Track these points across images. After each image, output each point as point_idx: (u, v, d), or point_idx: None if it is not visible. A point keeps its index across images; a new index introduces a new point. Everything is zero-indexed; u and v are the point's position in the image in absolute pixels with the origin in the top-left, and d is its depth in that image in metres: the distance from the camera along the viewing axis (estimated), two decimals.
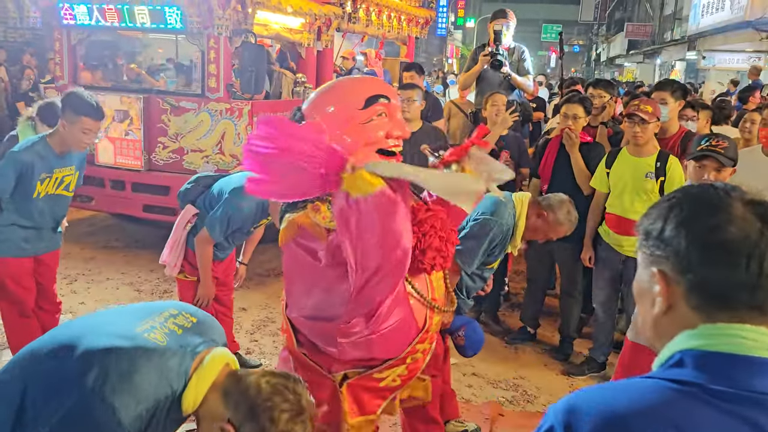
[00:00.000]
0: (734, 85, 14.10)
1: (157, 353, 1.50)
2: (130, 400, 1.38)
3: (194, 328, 1.68)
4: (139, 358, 1.46)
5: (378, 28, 8.28)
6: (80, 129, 3.22)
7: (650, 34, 28.69)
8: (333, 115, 1.87)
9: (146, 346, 1.50)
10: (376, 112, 1.89)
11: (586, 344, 4.46)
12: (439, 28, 41.69)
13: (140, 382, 1.42)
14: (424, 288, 2.04)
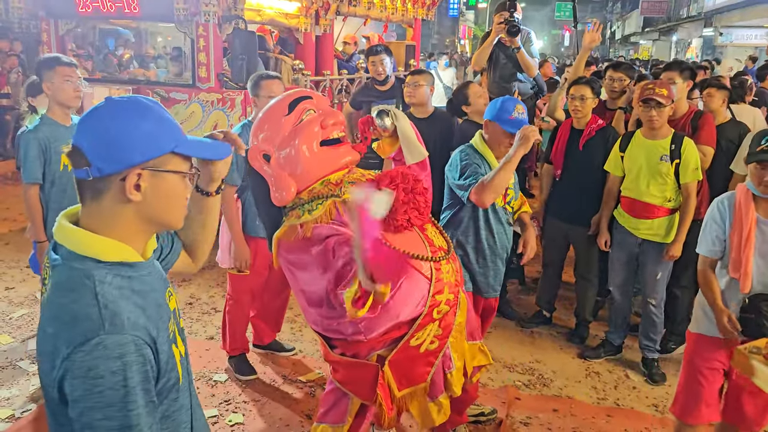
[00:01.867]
0: (753, 61, 13.67)
1: None
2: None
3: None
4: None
5: (381, 11, 7.99)
6: (60, 80, 3.28)
7: (665, 11, 28.01)
8: (269, 133, 2.09)
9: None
10: (302, 111, 2.08)
11: (602, 327, 4.47)
12: (451, 9, 41.13)
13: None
14: (419, 245, 2.09)
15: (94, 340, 1.14)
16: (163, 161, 1.27)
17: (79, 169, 1.24)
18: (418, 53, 10.05)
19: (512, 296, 5.03)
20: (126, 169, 1.23)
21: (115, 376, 1.13)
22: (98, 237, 1.26)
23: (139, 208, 1.27)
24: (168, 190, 1.29)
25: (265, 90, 3.47)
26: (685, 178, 3.63)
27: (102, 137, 1.23)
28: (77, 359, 1.13)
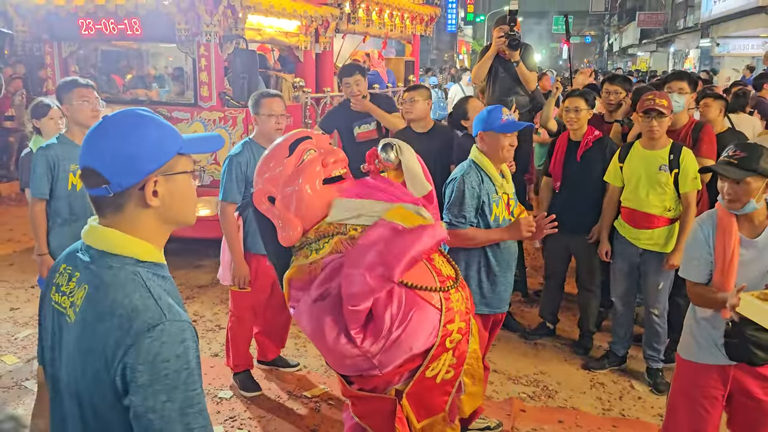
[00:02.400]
0: (750, 70, 13.72)
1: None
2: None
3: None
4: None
5: (380, 28, 8.08)
6: (79, 100, 3.41)
7: (662, 23, 28.21)
8: (272, 175, 2.15)
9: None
10: (303, 151, 2.13)
11: (606, 338, 4.48)
12: (449, 24, 41.46)
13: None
14: (426, 276, 2.10)
15: (159, 326, 1.23)
16: (173, 164, 1.35)
17: (96, 188, 1.32)
18: (417, 69, 10.15)
19: (515, 308, 5.03)
20: (143, 178, 1.32)
21: (179, 360, 1.23)
22: (134, 238, 1.34)
23: (158, 211, 1.35)
24: (181, 191, 1.38)
25: (265, 108, 3.50)
26: (684, 188, 3.66)
27: (115, 154, 1.31)
28: (144, 346, 1.21)
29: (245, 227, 3.64)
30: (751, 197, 2.42)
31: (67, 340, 1.33)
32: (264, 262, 3.64)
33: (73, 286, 1.33)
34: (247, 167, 3.49)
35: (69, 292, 1.34)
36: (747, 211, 2.45)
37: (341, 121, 4.86)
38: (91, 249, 1.34)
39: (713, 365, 2.58)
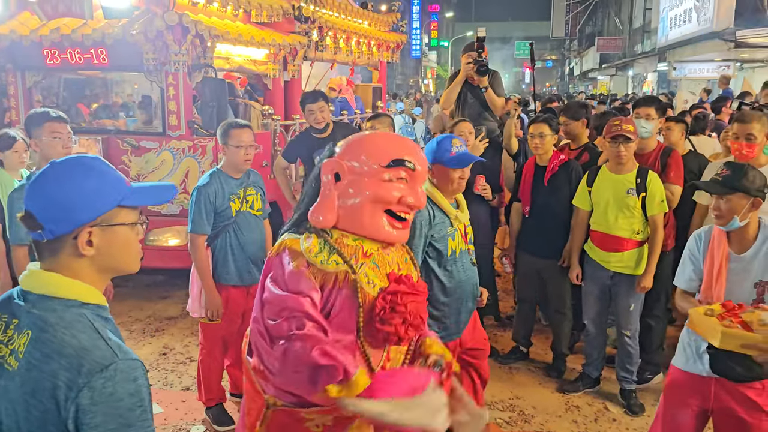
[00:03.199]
0: (707, 93, 14.17)
1: None
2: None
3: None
4: None
5: (347, 55, 8.16)
6: (49, 135, 3.25)
7: (621, 48, 29.05)
8: (359, 164, 1.95)
9: None
10: (398, 174, 1.94)
11: (579, 360, 4.48)
12: (414, 50, 42.11)
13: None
14: (376, 358, 1.99)
15: (111, 365, 1.23)
16: (112, 215, 1.35)
17: (33, 231, 1.33)
18: (384, 95, 10.25)
19: (489, 332, 5.03)
20: (76, 228, 1.32)
21: (132, 397, 1.24)
22: (75, 281, 1.33)
23: (94, 260, 1.35)
24: (120, 241, 1.37)
25: (234, 139, 3.48)
26: (651, 211, 3.74)
27: (49, 201, 1.31)
28: (98, 386, 1.21)
29: (214, 258, 3.60)
30: (735, 214, 2.53)
31: (7, 387, 1.28)
32: (234, 294, 3.61)
33: (11, 333, 1.30)
34: (215, 198, 3.46)
35: (7, 340, 1.30)
36: (732, 227, 2.56)
37: (303, 150, 4.84)
38: (30, 294, 1.32)
39: (695, 375, 2.65)
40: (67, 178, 1.33)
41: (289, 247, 1.95)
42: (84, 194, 1.32)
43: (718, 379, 2.54)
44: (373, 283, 1.94)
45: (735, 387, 2.53)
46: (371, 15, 9.04)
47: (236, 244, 3.58)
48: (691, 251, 2.73)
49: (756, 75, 16.36)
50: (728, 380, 2.50)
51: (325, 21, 7.18)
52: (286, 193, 5.09)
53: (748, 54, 15.19)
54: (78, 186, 1.32)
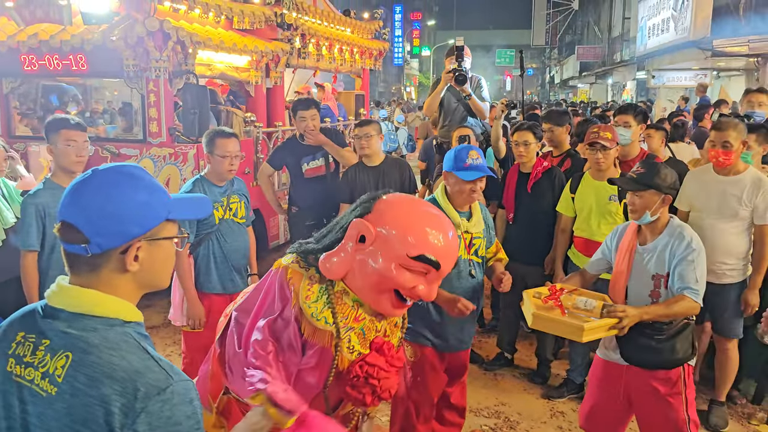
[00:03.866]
0: (685, 101, 14.37)
1: None
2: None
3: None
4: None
5: (330, 62, 8.15)
6: (64, 143, 3.19)
7: (600, 56, 29.40)
8: (389, 239, 1.87)
9: None
10: (419, 268, 1.86)
11: (564, 365, 4.49)
12: (396, 58, 42.30)
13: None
14: (333, 402, 2.06)
15: (168, 388, 1.16)
16: (159, 229, 1.28)
17: (74, 244, 1.22)
18: (367, 102, 10.25)
19: (473, 339, 5.02)
20: (126, 242, 1.23)
21: (189, 420, 1.18)
22: (115, 298, 1.25)
23: (135, 276, 1.27)
24: (163, 256, 1.31)
25: (220, 149, 3.45)
26: None
27: (99, 213, 1.22)
28: (155, 410, 1.13)
29: (196, 266, 3.55)
30: (647, 209, 2.75)
31: (44, 415, 1.19)
32: (216, 302, 3.56)
33: (42, 355, 1.20)
34: None
35: (38, 362, 1.20)
36: (644, 222, 2.79)
37: (289, 157, 4.82)
38: (62, 312, 1.22)
39: (612, 363, 2.85)
40: (116, 188, 1.23)
41: (290, 278, 1.96)
42: (136, 206, 1.24)
43: (629, 366, 2.75)
44: (353, 350, 1.96)
45: (642, 374, 2.74)
46: (354, 22, 9.05)
47: (219, 253, 3.55)
48: (605, 242, 2.99)
49: (732, 83, 16.66)
50: (636, 367, 2.74)
51: (307, 28, 7.18)
52: (271, 200, 5.04)
53: (724, 63, 15.46)
54: (129, 198, 1.23)
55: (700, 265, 2.71)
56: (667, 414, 2.74)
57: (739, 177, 3.67)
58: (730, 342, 3.83)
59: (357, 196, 4.28)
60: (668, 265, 2.74)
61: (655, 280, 2.76)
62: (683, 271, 2.68)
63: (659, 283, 2.76)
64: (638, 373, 2.76)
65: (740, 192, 3.63)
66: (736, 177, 3.67)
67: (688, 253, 2.69)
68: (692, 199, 3.85)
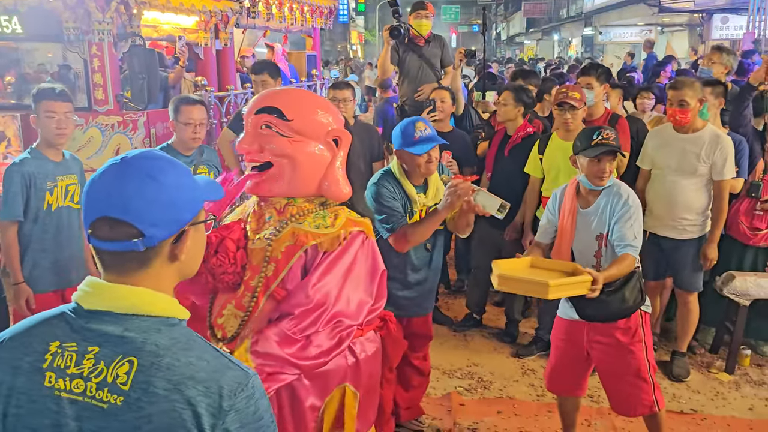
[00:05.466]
0: (631, 57, 14.59)
1: None
2: None
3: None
4: None
5: (280, 22, 7.85)
6: (44, 115, 3.12)
7: (546, 12, 29.50)
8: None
9: None
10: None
11: (531, 323, 4.58)
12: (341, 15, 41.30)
13: None
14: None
15: (249, 383, 1.13)
16: (201, 213, 1.23)
17: (124, 241, 1.11)
18: (319, 62, 9.99)
19: (441, 301, 5.05)
20: (179, 229, 1.17)
21: (267, 412, 1.16)
22: (167, 296, 1.18)
23: (181, 266, 1.21)
24: (201, 241, 1.26)
25: (184, 116, 3.35)
26: None
27: (154, 202, 1.12)
28: (242, 407, 1.10)
29: None
30: (612, 174, 2.85)
31: (106, 429, 1.08)
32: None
33: (91, 364, 1.08)
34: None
35: (88, 373, 1.08)
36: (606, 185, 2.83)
37: None
38: (106, 314, 1.11)
39: (572, 321, 2.94)
40: (165, 175, 1.15)
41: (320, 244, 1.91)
42: (186, 191, 1.17)
43: (591, 323, 2.86)
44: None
45: (603, 327, 2.83)
46: None
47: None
48: (548, 208, 3.05)
49: (675, 38, 16.98)
50: (595, 322, 2.84)
51: None
52: (232, 164, 4.84)
53: (668, 18, 15.71)
54: (180, 183, 1.17)
55: (638, 221, 2.80)
56: (629, 362, 2.84)
57: (697, 134, 3.74)
58: (691, 295, 3.94)
59: None
60: (608, 224, 2.81)
61: (598, 240, 2.85)
62: (622, 228, 2.75)
63: (602, 243, 2.85)
64: (599, 327, 2.85)
65: (699, 149, 3.70)
66: (695, 134, 3.74)
67: (625, 211, 2.77)
68: (654, 157, 3.91)
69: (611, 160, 2.81)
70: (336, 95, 4.20)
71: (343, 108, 4.16)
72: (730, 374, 4.02)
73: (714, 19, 13.84)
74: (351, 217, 1.91)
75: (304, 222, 1.86)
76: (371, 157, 4.13)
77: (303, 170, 1.85)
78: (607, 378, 2.96)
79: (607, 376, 2.96)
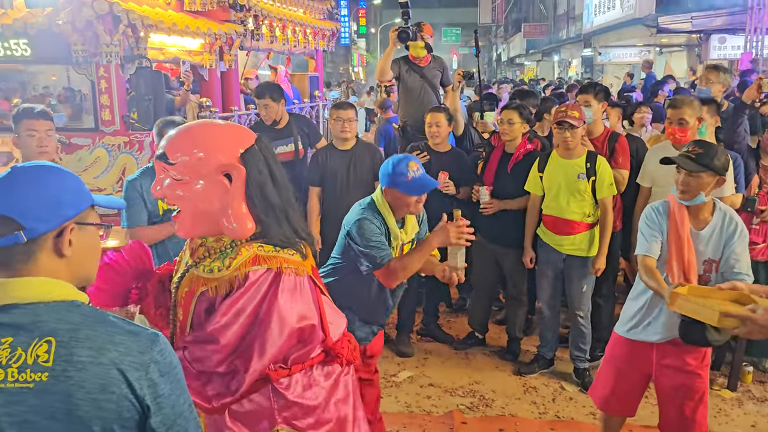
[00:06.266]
0: (630, 77, 14.71)
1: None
2: None
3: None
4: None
5: (283, 44, 7.98)
6: (26, 133, 3.11)
7: (546, 33, 29.77)
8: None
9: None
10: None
11: (533, 341, 4.57)
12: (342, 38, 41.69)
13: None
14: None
15: (159, 338, 1.29)
16: (86, 214, 1.33)
17: (8, 236, 1.22)
18: (321, 84, 10.11)
19: (442, 319, 5.07)
20: (61, 224, 1.27)
21: (179, 363, 1.33)
22: (67, 283, 1.29)
23: (69, 264, 1.30)
24: (91, 243, 1.35)
25: None
26: (601, 194, 3.83)
27: (37, 199, 1.24)
28: (159, 359, 1.26)
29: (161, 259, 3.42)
30: (702, 190, 2.67)
31: (39, 405, 1.18)
32: None
33: (7, 353, 1.18)
34: (145, 192, 3.23)
35: (6, 361, 1.18)
36: (697, 202, 2.70)
37: None
38: (13, 307, 1.21)
39: (638, 342, 2.85)
40: (49, 175, 1.29)
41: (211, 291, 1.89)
42: (68, 190, 1.29)
43: (659, 345, 2.78)
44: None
45: (674, 350, 2.76)
46: (306, 2, 8.88)
47: (161, 245, 3.30)
48: (650, 221, 2.81)
49: (674, 59, 17.14)
50: (671, 346, 2.75)
51: (260, 9, 6.99)
52: None
53: (667, 39, 15.88)
54: (60, 183, 1.29)
55: (747, 249, 2.72)
56: (695, 386, 2.78)
57: None
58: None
59: (327, 179, 4.30)
60: (720, 250, 2.70)
61: (706, 264, 2.74)
62: (739, 257, 2.66)
63: (710, 268, 2.74)
64: (669, 350, 2.77)
65: None
66: None
67: (741, 239, 2.68)
68: (654, 175, 3.95)
69: (695, 175, 2.66)
70: (340, 115, 4.25)
71: (348, 127, 4.23)
72: (732, 391, 4.03)
73: (712, 40, 13.97)
74: (261, 253, 1.77)
75: (200, 266, 1.81)
76: (373, 175, 4.17)
77: (195, 211, 1.77)
78: (669, 400, 2.87)
79: (669, 399, 2.86)
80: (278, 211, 1.80)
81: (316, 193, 4.37)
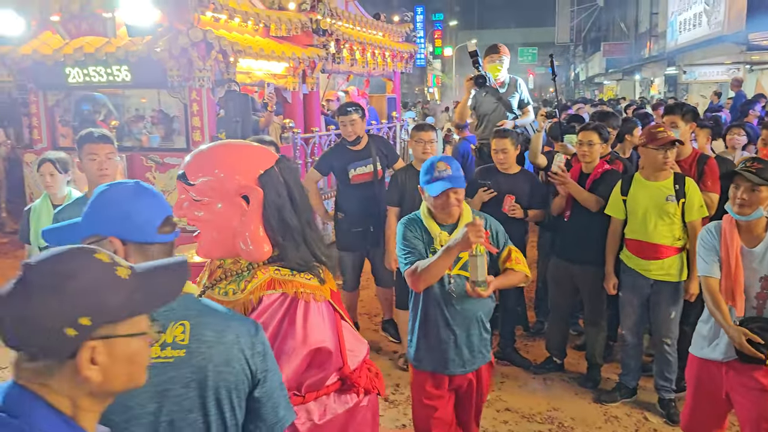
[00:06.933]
0: (717, 96, 14.11)
1: None
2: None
3: None
4: None
5: (363, 67, 8.18)
6: (87, 157, 3.21)
7: (626, 52, 29.04)
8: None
9: None
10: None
11: (613, 368, 4.44)
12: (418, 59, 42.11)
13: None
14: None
15: (260, 324, 1.55)
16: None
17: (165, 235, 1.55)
18: (399, 105, 10.26)
19: (520, 343, 4.99)
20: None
21: (268, 344, 1.56)
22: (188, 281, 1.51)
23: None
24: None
25: None
26: (691, 216, 3.70)
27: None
28: (264, 340, 1.52)
29: None
30: (761, 205, 2.70)
31: (177, 376, 1.41)
32: None
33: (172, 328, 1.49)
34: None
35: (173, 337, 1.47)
36: (754, 217, 2.72)
37: (337, 163, 4.81)
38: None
39: (709, 360, 2.86)
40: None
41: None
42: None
43: (728, 363, 2.77)
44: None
45: (744, 369, 2.72)
46: (384, 26, 9.07)
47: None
48: (705, 242, 2.89)
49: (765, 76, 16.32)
50: (741, 363, 2.72)
51: (341, 33, 7.20)
52: (318, 206, 4.99)
53: (758, 56, 15.15)
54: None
55: None
56: (767, 403, 2.75)
57: None
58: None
59: (406, 200, 4.35)
60: None
61: (763, 281, 2.74)
62: None
63: (767, 285, 2.74)
64: (739, 369, 2.76)
65: None
66: None
67: None
68: None
69: (758, 189, 2.68)
70: (421, 137, 4.30)
71: (429, 149, 4.27)
72: None
73: None
74: (277, 277, 1.74)
75: (215, 288, 1.80)
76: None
77: (213, 232, 1.75)
78: (747, 422, 2.84)
79: (747, 420, 2.83)
80: (296, 234, 1.77)
81: (395, 213, 4.42)
